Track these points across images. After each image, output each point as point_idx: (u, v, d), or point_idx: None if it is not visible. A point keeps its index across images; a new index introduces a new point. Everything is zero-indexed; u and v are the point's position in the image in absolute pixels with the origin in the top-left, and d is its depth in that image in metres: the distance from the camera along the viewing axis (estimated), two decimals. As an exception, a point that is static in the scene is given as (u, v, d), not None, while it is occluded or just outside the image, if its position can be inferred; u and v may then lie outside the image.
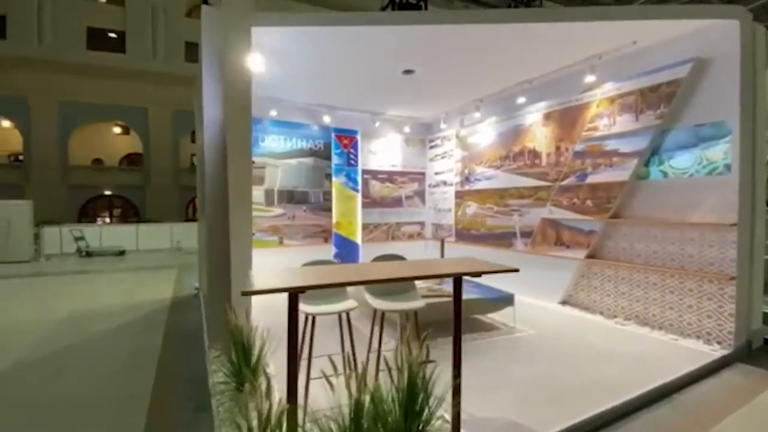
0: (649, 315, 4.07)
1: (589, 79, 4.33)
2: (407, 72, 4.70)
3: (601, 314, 4.48)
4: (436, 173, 7.33)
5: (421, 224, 7.64)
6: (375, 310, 2.60)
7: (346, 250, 6.67)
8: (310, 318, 2.39)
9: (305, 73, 4.88)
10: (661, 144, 3.94)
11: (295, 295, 1.75)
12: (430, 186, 7.53)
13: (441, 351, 3.44)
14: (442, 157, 7.16)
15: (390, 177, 7.28)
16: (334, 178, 6.58)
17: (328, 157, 6.58)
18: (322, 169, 6.54)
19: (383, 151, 7.21)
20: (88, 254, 10.31)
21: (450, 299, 3.92)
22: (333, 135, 6.57)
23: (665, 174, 3.88)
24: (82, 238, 10.45)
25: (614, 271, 4.40)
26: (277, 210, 6.17)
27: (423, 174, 7.64)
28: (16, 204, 9.47)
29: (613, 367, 3.05)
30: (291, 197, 6.28)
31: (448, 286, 4.29)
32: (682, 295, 3.80)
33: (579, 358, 3.24)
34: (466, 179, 6.53)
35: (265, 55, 3.90)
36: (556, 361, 3.20)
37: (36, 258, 9.62)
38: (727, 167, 3.45)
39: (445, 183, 7.09)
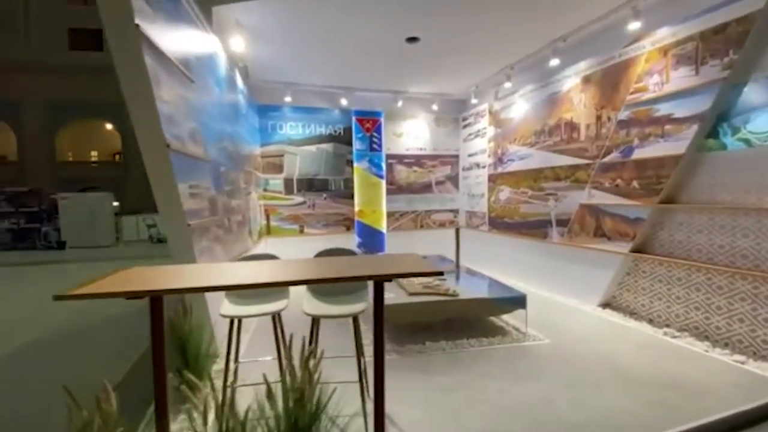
0: (711, 327, 3.17)
1: (634, 26, 3.42)
2: (411, 40, 4.18)
3: (649, 322, 3.62)
4: (470, 155, 6.65)
5: (455, 212, 7.04)
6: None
7: (370, 239, 6.40)
8: (237, 320, 2.16)
9: (310, 53, 4.62)
10: (731, 104, 2.96)
11: (157, 299, 1.51)
12: (463, 169, 6.88)
13: (426, 357, 3.02)
14: (476, 137, 6.46)
15: (418, 161, 6.78)
16: (355, 164, 6.30)
17: (349, 143, 6.30)
18: (342, 156, 6.30)
19: (410, 133, 6.72)
20: (159, 240, 11.46)
21: (449, 298, 3.45)
22: (354, 118, 6.27)
23: (748, 142, 2.90)
24: (153, 226, 11.65)
25: (667, 270, 3.50)
26: (297, 198, 6.09)
27: (456, 156, 7.00)
28: (98, 196, 10.84)
29: (637, 398, 2.37)
30: (311, 185, 6.15)
31: (453, 281, 3.79)
32: (756, 303, 2.86)
33: (594, 381, 2.59)
34: (500, 160, 5.79)
35: (265, 37, 3.72)
36: (559, 381, 2.60)
37: (116, 244, 10.96)
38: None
39: (478, 165, 6.40)
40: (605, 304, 4.12)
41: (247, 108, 4.94)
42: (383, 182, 6.47)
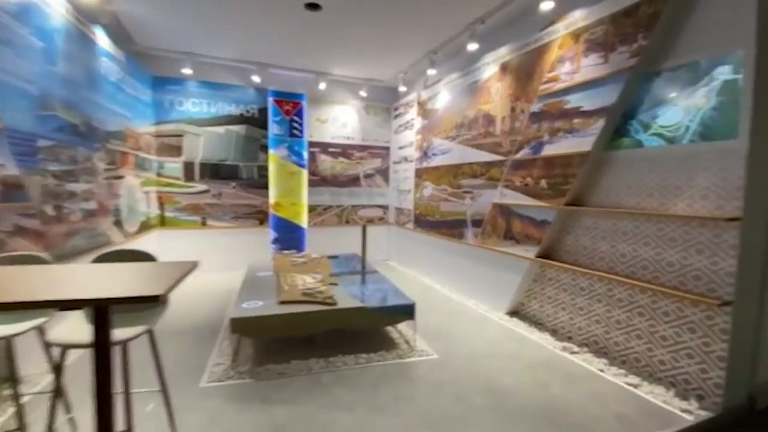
0: (610, 342, 2.89)
1: (546, 5, 3.05)
2: (311, 7, 3.62)
3: (552, 333, 3.32)
4: (400, 147, 6.21)
5: (384, 208, 6.59)
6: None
7: (288, 235, 5.80)
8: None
9: (209, 18, 3.94)
10: (641, 97, 2.65)
11: None
12: (394, 163, 6.43)
13: (284, 381, 2.36)
14: (405, 128, 6.02)
15: (345, 151, 6.25)
16: (271, 151, 5.66)
17: (265, 126, 5.66)
18: (256, 140, 5.64)
19: (337, 120, 6.17)
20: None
21: (326, 308, 2.94)
22: (270, 99, 5.62)
23: (662, 137, 2.59)
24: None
25: (572, 278, 3.21)
26: (200, 186, 5.38)
27: (387, 149, 6.54)
28: None
29: (510, 429, 1.98)
30: (216, 172, 5.46)
31: (352, 286, 3.30)
32: (654, 320, 2.59)
33: (464, 414, 2.19)
34: (425, 154, 5.38)
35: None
36: (425, 414, 2.17)
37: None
38: (732, 134, 2.16)
39: (406, 159, 5.97)
40: (513, 312, 3.81)
41: (124, 76, 4.17)
42: (305, 172, 5.89)
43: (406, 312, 2.93)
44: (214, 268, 5.34)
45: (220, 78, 5.40)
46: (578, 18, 3.00)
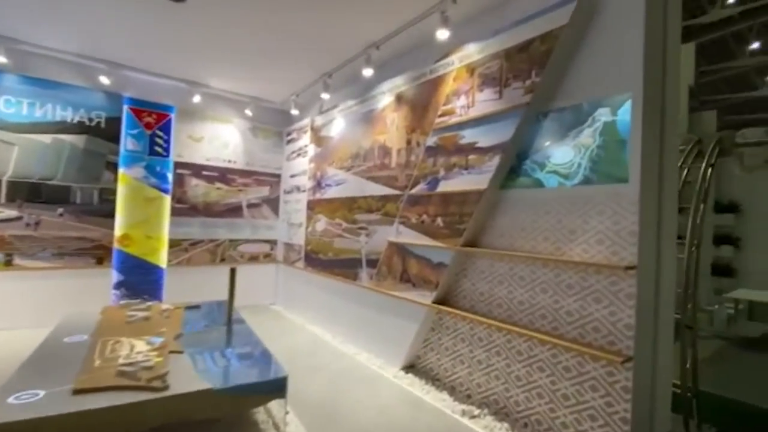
0: (511, 402, 2.58)
1: (442, 34, 2.88)
2: (172, -4, 2.92)
3: (450, 391, 2.93)
4: (292, 176, 5.57)
5: (272, 243, 5.78)
6: None
7: (140, 279, 4.57)
8: None
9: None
10: (534, 135, 2.54)
11: None
12: (285, 192, 5.75)
13: None
14: (298, 155, 5.44)
15: (224, 176, 5.36)
16: (122, 170, 4.51)
17: (116, 139, 4.51)
18: (101, 156, 4.44)
19: (215, 140, 5.30)
20: None
21: (151, 396, 1.96)
22: (126, 108, 4.54)
23: (558, 174, 2.45)
24: None
25: (470, 327, 2.89)
26: (5, 212, 3.94)
27: (278, 176, 5.84)
28: None
29: None
30: (35, 193, 4.09)
31: (195, 349, 2.44)
32: (555, 376, 2.35)
33: None
34: (318, 184, 4.85)
35: None
36: None
37: None
38: (622, 177, 2.09)
39: (299, 189, 5.35)
40: (409, 366, 3.35)
41: None
42: (167, 198, 4.81)
43: (274, 389, 2.22)
44: (20, 324, 3.85)
45: (52, 74, 4.18)
46: (473, 51, 2.88)
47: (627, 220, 2.07)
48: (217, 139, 5.31)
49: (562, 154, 2.38)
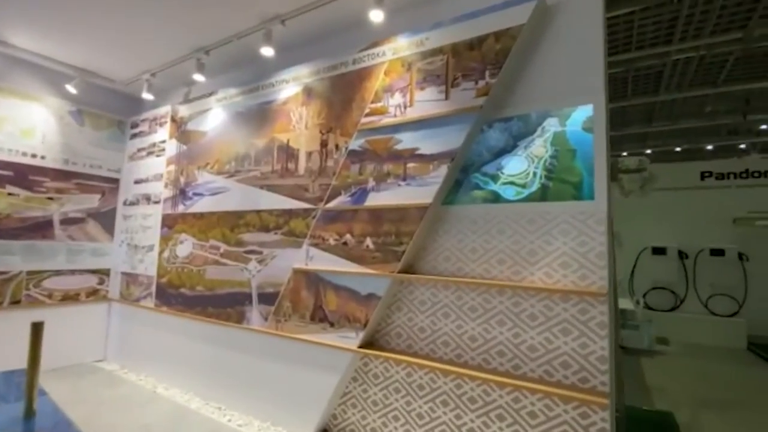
0: (463, 462, 2.12)
1: (376, 15, 2.39)
2: None
3: (383, 459, 2.31)
4: (138, 181, 4.14)
5: (103, 274, 4.15)
6: None
7: None
8: None
9: None
10: (486, 144, 2.24)
11: None
12: (126, 204, 4.23)
13: None
14: (149, 154, 4.08)
15: (22, 177, 3.61)
16: None
17: None
18: None
19: (8, 123, 3.54)
20: None
21: None
22: None
23: (515, 185, 2.14)
24: None
25: (406, 374, 2.36)
26: None
27: (114, 181, 4.29)
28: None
29: None
30: None
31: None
32: (518, 425, 2.00)
33: None
34: (182, 193, 3.66)
35: None
36: None
37: None
38: (577, 186, 1.93)
39: (149, 199, 3.98)
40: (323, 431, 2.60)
41: None
42: None
43: None
44: None
45: None
46: (410, 43, 2.46)
47: (594, 241, 1.90)
48: (13, 123, 3.55)
49: (515, 163, 2.13)
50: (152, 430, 2.59)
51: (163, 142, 3.92)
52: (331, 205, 2.64)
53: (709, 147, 6.79)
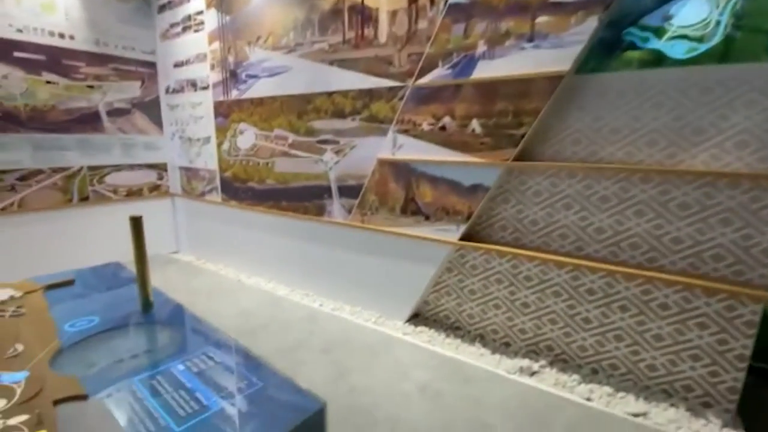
0: (572, 348, 2.12)
1: None
2: None
3: (482, 342, 2.36)
4: (177, 64, 3.70)
5: (161, 169, 4.04)
6: None
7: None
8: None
9: None
10: (645, -15, 1.68)
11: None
12: (168, 91, 3.87)
13: None
14: (184, 29, 3.55)
15: (56, 61, 3.23)
16: None
17: None
18: None
19: (23, -5, 3.03)
20: None
21: None
22: None
23: (687, 39, 1.68)
24: None
25: (511, 265, 2.24)
26: None
27: (151, 65, 3.86)
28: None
29: None
30: None
31: (119, 389, 1.22)
32: (644, 316, 1.90)
33: None
34: (233, 76, 3.24)
35: None
36: None
37: None
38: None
39: (194, 85, 3.60)
40: (414, 316, 2.65)
41: None
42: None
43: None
44: None
45: None
46: None
47: (794, 113, 1.49)
48: (28, -7, 3.03)
49: (690, 10, 1.61)
50: (254, 313, 2.71)
51: (200, 13, 3.34)
52: (425, 80, 2.22)
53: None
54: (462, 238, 2.27)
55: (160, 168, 4.02)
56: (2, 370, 1.33)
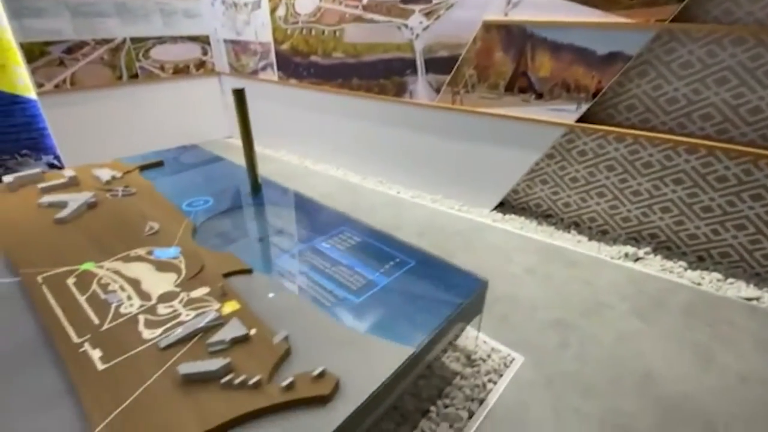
0: (681, 236, 2.06)
1: None
2: None
3: (575, 228, 2.33)
4: None
5: (205, 42, 3.63)
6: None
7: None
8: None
9: None
10: None
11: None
12: (202, -58, 3.24)
13: None
14: None
15: None
16: None
17: None
18: None
19: None
20: None
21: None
22: None
23: None
24: None
25: (630, 151, 2.05)
26: None
27: None
28: None
29: None
30: None
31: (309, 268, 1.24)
32: (785, 206, 1.78)
33: None
34: None
35: None
36: None
37: None
38: None
39: (235, -69, 2.97)
40: (500, 204, 2.59)
41: None
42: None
43: (475, 306, 1.25)
44: None
45: None
46: None
47: None
48: None
49: None
50: (335, 198, 2.69)
51: None
52: None
53: None
54: (579, 120, 2.05)
55: (203, 41, 3.62)
56: (151, 247, 1.33)
